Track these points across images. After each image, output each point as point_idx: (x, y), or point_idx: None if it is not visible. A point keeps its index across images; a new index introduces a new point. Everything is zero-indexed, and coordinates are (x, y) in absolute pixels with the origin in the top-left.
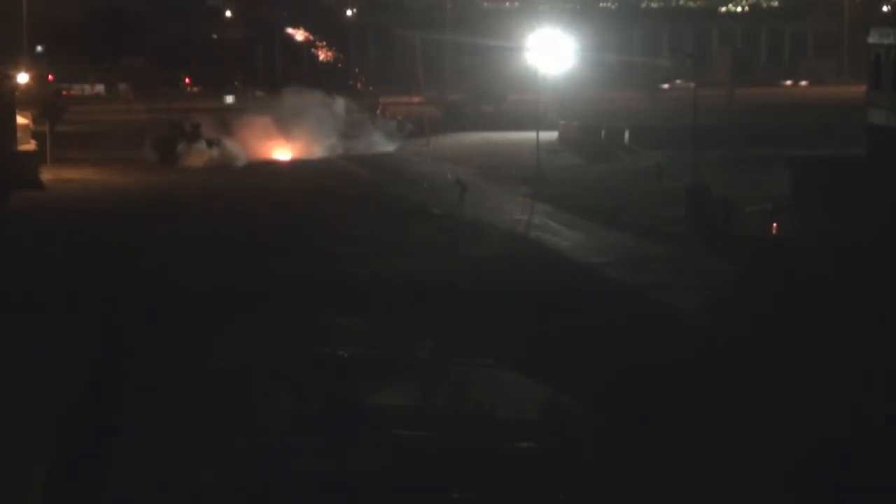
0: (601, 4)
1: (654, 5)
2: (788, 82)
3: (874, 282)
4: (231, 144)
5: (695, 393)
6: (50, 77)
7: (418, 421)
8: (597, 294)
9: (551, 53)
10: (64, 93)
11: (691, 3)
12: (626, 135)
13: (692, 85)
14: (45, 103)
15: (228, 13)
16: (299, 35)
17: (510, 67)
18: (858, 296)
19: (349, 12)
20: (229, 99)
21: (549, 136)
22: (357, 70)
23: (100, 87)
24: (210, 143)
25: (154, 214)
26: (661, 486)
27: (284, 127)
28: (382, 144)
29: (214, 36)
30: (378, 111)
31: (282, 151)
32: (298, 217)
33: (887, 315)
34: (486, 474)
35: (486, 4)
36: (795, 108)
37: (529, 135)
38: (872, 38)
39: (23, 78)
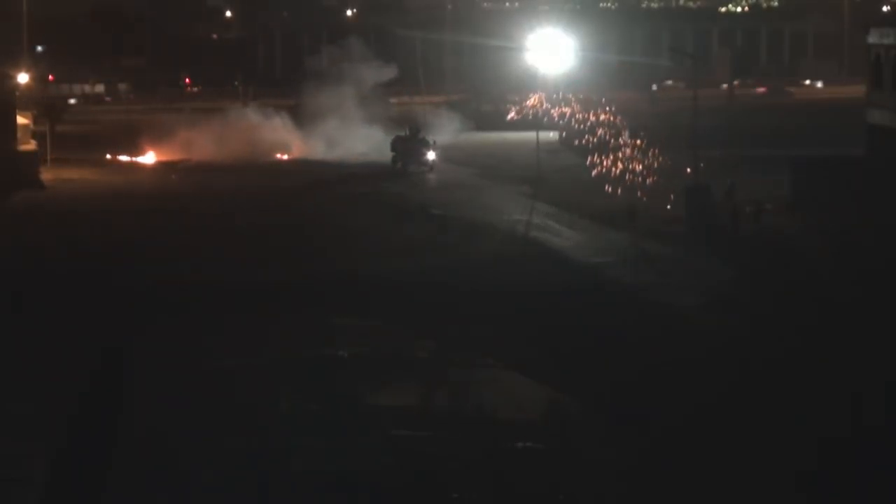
0: (601, 4)
1: (654, 5)
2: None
3: (874, 281)
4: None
5: (695, 392)
6: (50, 77)
7: (418, 421)
8: (597, 294)
9: (551, 53)
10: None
11: (691, 3)
12: (626, 134)
13: (681, 85)
14: (45, 104)
15: (228, 13)
16: None
17: (510, 67)
18: (859, 295)
19: (349, 12)
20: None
21: (550, 136)
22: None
23: (100, 87)
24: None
25: (154, 214)
26: (661, 486)
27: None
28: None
29: (214, 36)
30: None
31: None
32: (300, 217)
33: (888, 315)
34: (486, 474)
35: (486, 4)
36: (795, 109)
37: (529, 135)
38: (872, 38)
39: (23, 78)
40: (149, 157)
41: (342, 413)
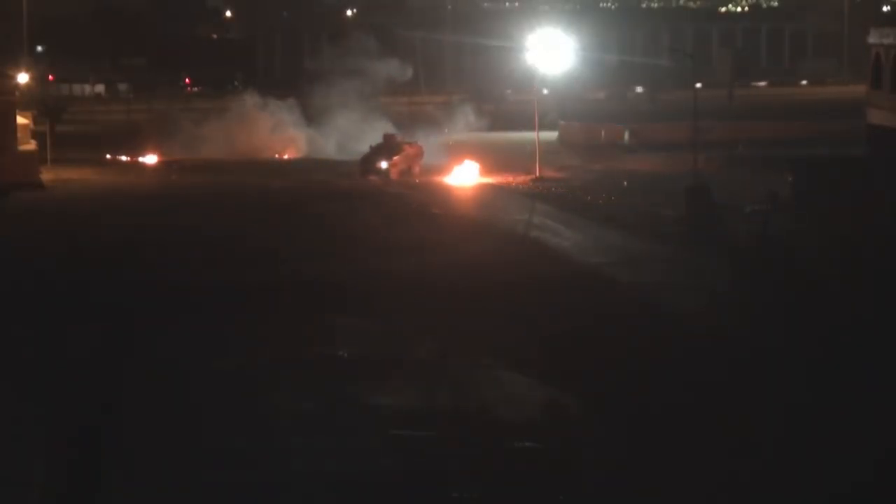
0: (601, 4)
1: (654, 5)
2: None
3: (874, 282)
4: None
5: (695, 393)
6: (50, 77)
7: (418, 421)
8: (596, 294)
9: (551, 53)
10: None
11: (691, 3)
12: (626, 135)
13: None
14: (45, 104)
15: (228, 13)
16: None
17: (510, 67)
18: (858, 296)
19: (349, 12)
20: None
21: (550, 136)
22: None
23: (100, 87)
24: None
25: (154, 214)
26: (661, 486)
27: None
28: None
29: (214, 36)
30: None
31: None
32: (300, 216)
33: (888, 314)
34: (486, 474)
35: (486, 4)
36: (795, 109)
37: (529, 135)
38: (872, 38)
39: (23, 78)
40: (149, 157)
41: (342, 413)
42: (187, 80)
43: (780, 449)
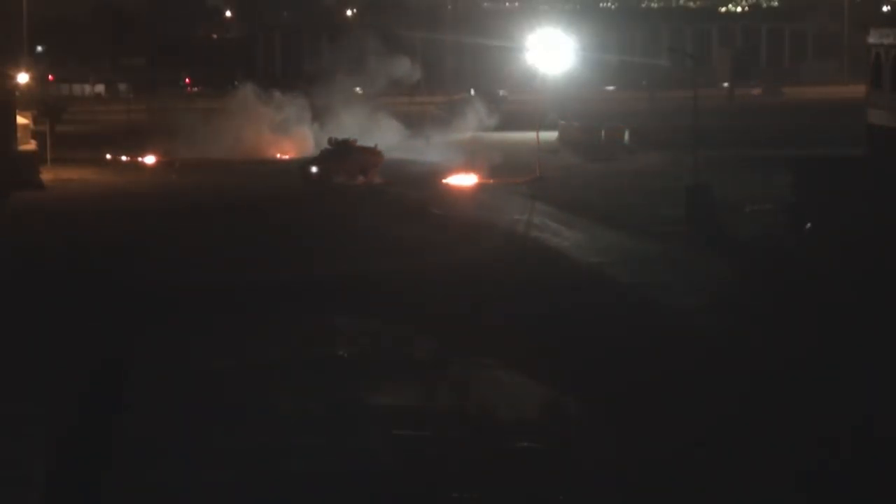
0: (601, 4)
1: (654, 5)
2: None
3: (874, 282)
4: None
5: (694, 393)
6: (50, 77)
7: (418, 421)
8: (596, 294)
9: (551, 53)
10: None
11: (691, 3)
12: (626, 135)
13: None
14: (45, 104)
15: (228, 13)
16: None
17: (510, 67)
18: (859, 296)
19: (349, 12)
20: None
21: (550, 135)
22: None
23: (100, 87)
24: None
25: (154, 214)
26: (660, 486)
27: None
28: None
29: (214, 36)
30: None
31: None
32: (300, 216)
33: (888, 315)
34: (486, 474)
35: (486, 4)
36: (795, 109)
37: (529, 135)
38: (872, 38)
39: (23, 78)
40: (149, 157)
41: (342, 413)
42: (187, 80)
43: (779, 449)
